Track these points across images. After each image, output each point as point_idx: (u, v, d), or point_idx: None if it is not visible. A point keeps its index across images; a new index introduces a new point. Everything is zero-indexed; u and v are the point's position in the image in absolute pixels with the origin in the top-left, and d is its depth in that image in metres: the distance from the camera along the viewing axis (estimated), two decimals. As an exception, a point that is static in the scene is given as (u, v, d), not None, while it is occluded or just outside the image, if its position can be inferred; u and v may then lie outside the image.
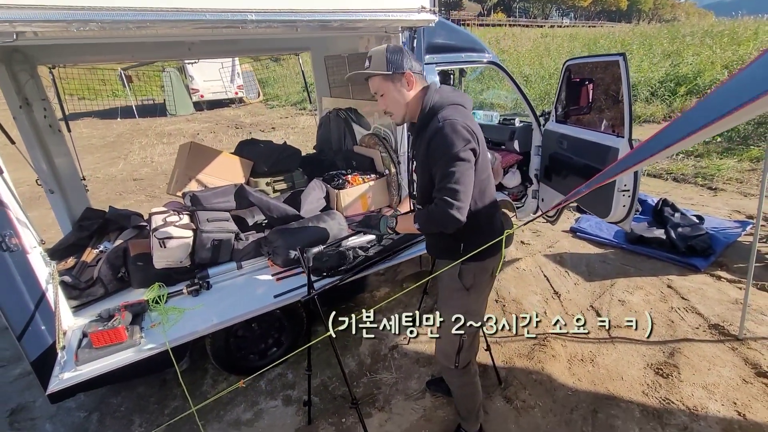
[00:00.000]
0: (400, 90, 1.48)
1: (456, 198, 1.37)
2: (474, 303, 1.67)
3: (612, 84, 2.68)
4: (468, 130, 1.40)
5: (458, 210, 1.37)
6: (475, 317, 1.68)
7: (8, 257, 1.68)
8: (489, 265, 1.62)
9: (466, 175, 1.38)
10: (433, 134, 1.40)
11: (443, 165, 1.39)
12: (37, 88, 2.67)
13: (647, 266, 3.43)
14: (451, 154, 1.37)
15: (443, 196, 1.39)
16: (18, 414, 2.34)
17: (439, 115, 1.42)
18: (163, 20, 1.46)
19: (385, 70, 1.44)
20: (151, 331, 1.83)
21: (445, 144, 1.37)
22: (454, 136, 1.37)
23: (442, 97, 1.47)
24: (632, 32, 17.33)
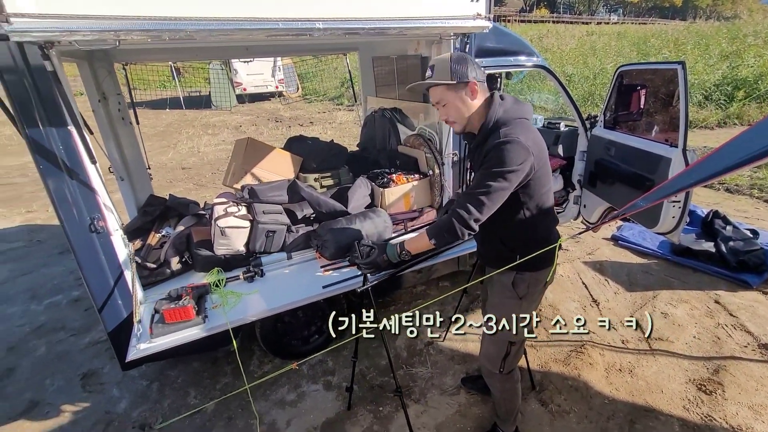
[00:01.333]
0: (463, 99, 1.48)
1: (480, 209, 1.40)
2: (525, 312, 1.69)
3: (666, 91, 2.61)
4: (528, 150, 1.39)
5: (476, 222, 1.41)
6: (524, 326, 1.71)
7: (96, 238, 1.89)
8: (543, 276, 1.65)
9: (498, 194, 1.40)
10: (492, 147, 1.41)
11: (485, 175, 1.41)
12: (113, 84, 2.92)
13: (693, 279, 3.32)
14: (497, 170, 1.38)
15: (467, 202, 1.41)
16: (89, 378, 2.61)
17: (501, 131, 1.42)
18: (242, 29, 1.60)
19: (449, 80, 1.44)
20: (212, 312, 2.00)
21: (498, 159, 1.38)
22: (510, 154, 1.36)
23: (507, 111, 1.46)
24: (687, 31, 16.35)
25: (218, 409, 2.34)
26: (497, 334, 1.74)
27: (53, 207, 1.79)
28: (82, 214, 1.82)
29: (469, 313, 3.07)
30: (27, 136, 1.66)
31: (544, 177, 1.50)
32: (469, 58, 1.50)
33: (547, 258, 1.56)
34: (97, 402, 2.42)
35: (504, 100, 1.49)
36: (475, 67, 1.48)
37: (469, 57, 1.50)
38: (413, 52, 3.00)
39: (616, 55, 12.91)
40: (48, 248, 4.50)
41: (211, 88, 16.32)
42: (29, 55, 1.55)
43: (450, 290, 3.34)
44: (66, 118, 1.66)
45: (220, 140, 10.31)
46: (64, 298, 3.50)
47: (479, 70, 1.50)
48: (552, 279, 1.71)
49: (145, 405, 2.39)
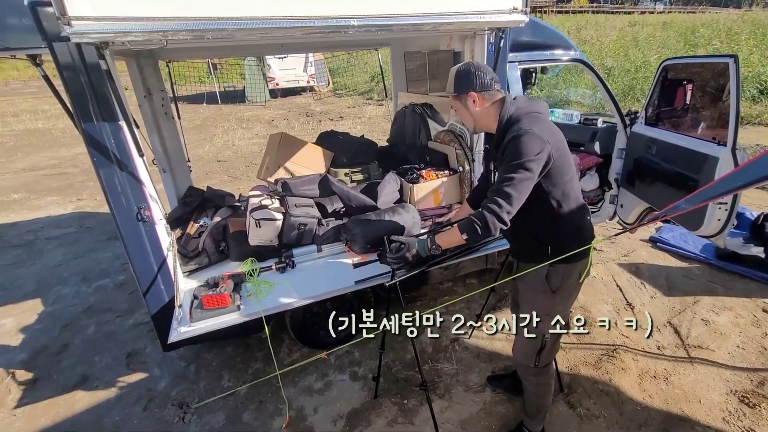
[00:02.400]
0: (468, 107, 1.62)
1: (508, 202, 1.45)
2: (559, 305, 1.71)
3: (715, 86, 2.47)
4: (542, 139, 1.45)
5: (508, 214, 1.46)
6: (558, 320, 1.72)
7: (142, 227, 2.01)
8: (577, 268, 1.65)
9: (524, 184, 1.45)
10: (508, 142, 1.49)
11: (507, 169, 1.47)
12: (157, 80, 3.07)
13: (739, 286, 3.14)
14: (518, 162, 1.44)
15: (496, 197, 1.47)
16: (133, 357, 2.79)
17: (514, 126, 1.50)
18: (279, 27, 1.65)
19: (452, 92, 1.63)
20: (247, 300, 2.09)
21: (516, 151, 1.45)
22: (526, 145, 1.44)
23: (519, 108, 1.54)
24: (741, 19, 15.23)
25: (250, 393, 2.44)
26: (531, 328, 1.76)
27: (104, 196, 1.92)
28: (130, 204, 1.95)
29: (497, 311, 3.04)
30: (82, 129, 1.78)
31: (565, 165, 1.54)
32: (474, 69, 1.58)
33: (582, 250, 1.57)
34: (139, 379, 2.59)
35: (516, 100, 1.59)
36: (479, 77, 1.57)
37: (473, 69, 1.59)
38: (445, 47, 2.97)
39: (660, 46, 12.23)
40: (96, 234, 4.81)
41: (246, 83, 16.76)
42: (86, 54, 1.66)
43: (477, 288, 3.33)
44: (118, 114, 1.78)
45: (253, 134, 10.61)
46: (111, 282, 3.74)
47: (487, 79, 1.58)
48: (588, 272, 1.70)
49: (183, 385, 2.53)
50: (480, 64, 1.63)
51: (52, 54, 1.63)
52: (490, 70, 1.61)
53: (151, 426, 2.27)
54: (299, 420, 2.27)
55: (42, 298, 3.53)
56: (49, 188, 6.71)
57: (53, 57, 1.64)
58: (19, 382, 2.60)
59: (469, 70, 1.59)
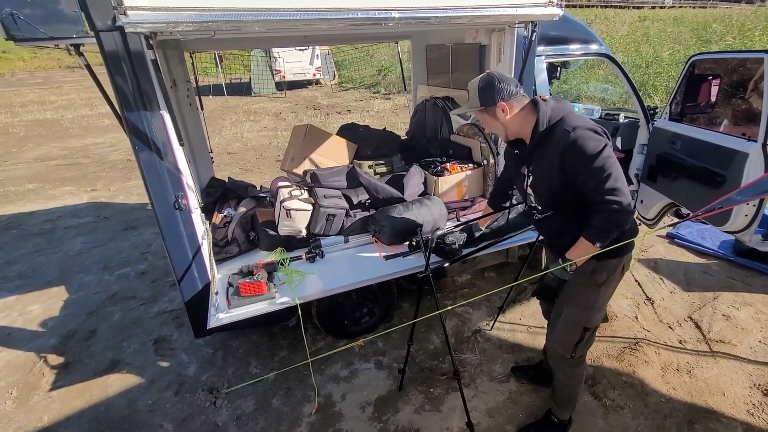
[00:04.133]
0: (497, 117, 1.59)
1: (621, 194, 1.41)
2: (602, 298, 1.72)
3: (745, 82, 2.47)
4: (597, 131, 1.46)
5: (628, 204, 1.42)
6: (600, 312, 1.75)
7: (178, 215, 2.04)
8: (622, 262, 1.66)
9: (617, 169, 1.43)
10: (567, 147, 1.45)
11: (593, 171, 1.42)
12: (183, 71, 3.09)
13: (759, 282, 3.16)
14: (596, 158, 1.41)
15: (608, 196, 1.42)
16: (160, 343, 2.84)
17: (562, 128, 1.48)
18: (324, 18, 1.66)
19: (479, 106, 1.59)
20: (280, 288, 2.13)
21: (586, 151, 1.42)
22: (590, 140, 1.43)
23: (554, 109, 1.54)
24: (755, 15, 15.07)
25: (278, 380, 2.49)
26: (572, 320, 1.78)
27: (144, 184, 1.95)
28: (168, 192, 1.98)
29: (516, 304, 3.07)
30: (125, 118, 1.81)
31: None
32: (497, 80, 1.55)
33: (628, 244, 1.59)
34: (169, 365, 2.64)
35: (547, 102, 1.57)
36: (504, 85, 1.54)
37: (496, 77, 1.55)
38: (471, 40, 2.98)
39: (672, 41, 12.12)
40: (114, 224, 4.85)
41: (252, 75, 16.73)
42: (131, 44, 1.68)
43: (495, 281, 3.37)
44: (161, 103, 1.80)
45: (261, 126, 10.62)
46: (132, 271, 3.79)
47: (510, 85, 1.55)
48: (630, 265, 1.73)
49: (212, 371, 2.58)
50: (500, 74, 1.59)
51: (99, 44, 1.65)
52: (511, 78, 1.60)
53: (183, 410, 2.32)
54: (328, 406, 2.31)
55: (66, 286, 3.58)
56: (62, 178, 6.76)
57: (100, 47, 1.66)
58: (51, 366, 2.65)
59: (491, 82, 1.56)
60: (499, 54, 2.61)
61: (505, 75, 1.60)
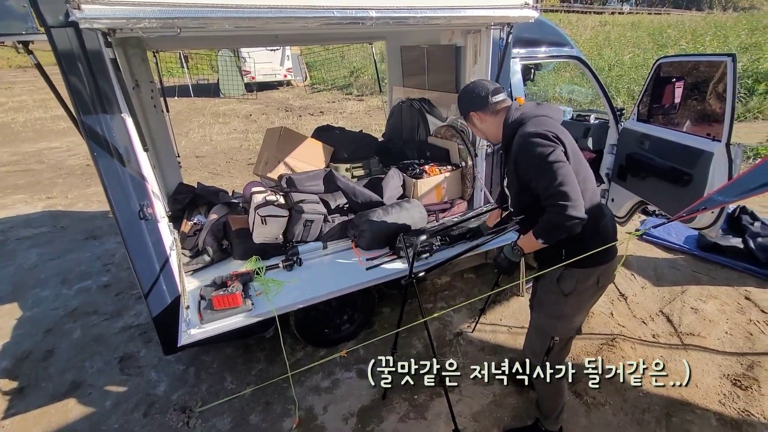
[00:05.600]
0: (474, 124, 1.70)
1: (566, 198, 1.37)
2: (570, 309, 1.66)
3: (709, 83, 2.58)
4: (548, 136, 1.42)
5: (573, 208, 1.37)
6: (569, 323, 1.70)
7: (144, 225, 1.91)
8: (594, 273, 1.59)
9: (564, 173, 1.39)
10: (517, 150, 1.48)
11: (540, 174, 1.42)
12: (146, 71, 2.91)
13: (721, 275, 3.31)
14: (543, 162, 1.40)
15: (553, 201, 1.41)
16: (126, 361, 2.66)
17: (519, 131, 1.50)
18: (298, 17, 1.59)
19: (460, 114, 1.75)
20: (257, 299, 2.02)
21: (533, 155, 1.43)
22: (536, 145, 1.42)
23: (524, 113, 1.54)
24: (704, 21, 16.03)
25: (255, 394, 2.38)
26: (539, 326, 1.76)
27: (105, 192, 1.80)
28: (132, 201, 1.84)
29: (497, 305, 3.08)
30: (82, 122, 1.67)
31: (577, 165, 1.49)
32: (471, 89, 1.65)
33: (599, 255, 1.52)
34: (136, 384, 2.47)
35: (523, 106, 1.59)
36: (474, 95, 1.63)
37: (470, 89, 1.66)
38: (447, 42, 2.96)
39: (632, 45, 12.69)
40: (72, 234, 4.55)
41: (220, 76, 16.25)
42: (87, 41, 1.55)
43: (474, 282, 3.37)
44: (122, 105, 1.67)
45: (231, 129, 10.31)
46: (94, 284, 3.55)
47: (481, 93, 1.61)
48: (610, 279, 1.68)
49: (184, 388, 2.43)
50: (477, 84, 1.65)
51: (51, 41, 1.51)
52: (485, 85, 1.64)
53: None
54: (309, 420, 2.23)
55: (19, 302, 3.31)
56: (14, 186, 6.30)
57: (51, 45, 1.52)
58: (3, 392, 2.43)
59: (465, 92, 1.67)
60: (475, 56, 2.60)
61: (483, 84, 1.65)
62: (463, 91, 1.69)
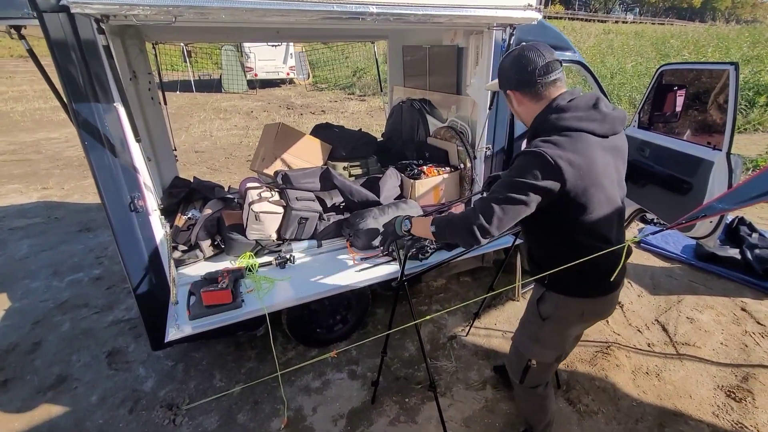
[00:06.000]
0: (511, 103, 1.41)
1: (489, 219, 1.23)
2: (548, 335, 1.51)
3: (708, 92, 2.56)
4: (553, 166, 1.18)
5: (480, 228, 1.24)
6: (545, 349, 1.54)
7: (134, 217, 1.88)
8: (578, 304, 1.43)
9: (513, 207, 1.22)
10: (518, 153, 1.28)
11: (503, 182, 1.26)
12: (144, 62, 2.89)
13: (718, 285, 3.29)
14: (513, 180, 1.22)
15: (479, 205, 1.27)
16: (114, 356, 2.62)
17: (536, 140, 1.26)
18: (298, 9, 1.56)
19: (497, 88, 1.44)
20: (248, 296, 1.99)
21: (517, 167, 1.24)
22: (528, 166, 1.20)
23: (561, 118, 1.25)
24: (707, 33, 16.10)
25: (244, 393, 2.34)
26: (516, 345, 1.67)
27: (95, 183, 1.77)
28: (122, 192, 1.81)
29: (492, 309, 3.05)
30: (73, 111, 1.63)
31: (587, 202, 1.25)
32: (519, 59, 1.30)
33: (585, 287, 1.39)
34: (123, 380, 2.43)
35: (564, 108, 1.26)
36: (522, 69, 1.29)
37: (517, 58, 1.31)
38: (449, 42, 2.94)
39: (635, 54, 12.70)
40: (66, 226, 4.51)
41: (223, 72, 16.24)
42: (80, 28, 1.52)
43: (471, 285, 3.34)
44: (114, 95, 1.64)
45: (232, 125, 10.28)
46: (86, 276, 3.51)
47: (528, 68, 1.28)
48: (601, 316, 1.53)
49: (172, 385, 2.39)
50: (528, 49, 1.28)
51: (42, 26, 1.48)
52: (534, 57, 1.26)
53: (138, 429, 2.13)
54: (298, 420, 2.19)
55: (8, 293, 3.26)
56: (9, 175, 6.25)
57: (43, 30, 1.49)
58: (-14, 384, 2.39)
59: (510, 59, 1.32)
60: (477, 57, 2.58)
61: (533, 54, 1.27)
62: (507, 58, 1.34)
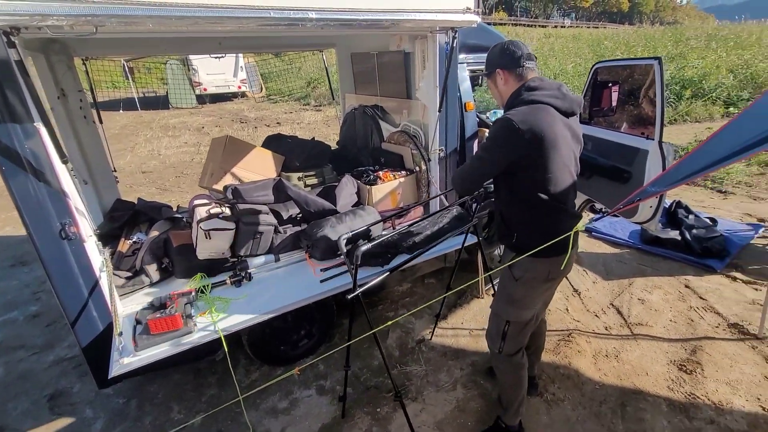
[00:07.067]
0: (496, 83, 1.66)
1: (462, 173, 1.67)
2: (521, 295, 1.73)
3: (642, 86, 2.74)
4: (516, 130, 1.43)
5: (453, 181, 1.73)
6: (520, 309, 1.75)
7: (67, 246, 1.72)
8: (543, 264, 1.64)
9: (481, 165, 1.59)
10: (494, 122, 1.56)
11: (482, 146, 1.62)
12: (73, 79, 2.69)
13: (663, 266, 3.51)
14: (484, 144, 1.58)
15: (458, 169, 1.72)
16: (57, 399, 2.39)
17: (508, 111, 1.52)
18: (232, 17, 1.50)
19: (484, 70, 1.71)
20: (200, 320, 1.87)
21: (492, 133, 1.53)
22: (497, 132, 1.51)
23: (532, 95, 1.52)
24: (636, 34, 17.43)
25: (206, 423, 2.20)
26: (495, 311, 1.85)
27: (18, 211, 1.61)
28: (51, 219, 1.65)
29: (458, 309, 3.08)
30: (-14, 133, 1.48)
31: (548, 164, 1.49)
32: (507, 46, 1.61)
33: (548, 249, 1.54)
34: (68, 424, 2.22)
35: (541, 86, 1.55)
36: (508, 54, 1.59)
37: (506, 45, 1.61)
38: (396, 48, 2.97)
39: (574, 56, 13.51)
40: (-4, 261, 4.10)
41: (169, 88, 15.60)
42: (-13, 42, 1.38)
43: (435, 287, 3.36)
44: (33, 113, 1.50)
45: (182, 142, 9.87)
46: (21, 314, 3.20)
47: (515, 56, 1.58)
48: (560, 274, 1.71)
49: (125, 424, 2.21)
50: (515, 42, 1.62)
51: (-60, 40, 1.33)
52: (521, 48, 1.59)
53: (87, 478, 1.94)
54: (266, 445, 2.09)
55: (-73, 342, 2.90)
56: (-73, 210, 5.62)
57: (-58, 44, 1.34)
58: None
59: (501, 46, 1.62)
60: (424, 61, 2.61)
61: (520, 46, 1.60)
62: (498, 45, 1.63)
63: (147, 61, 17.83)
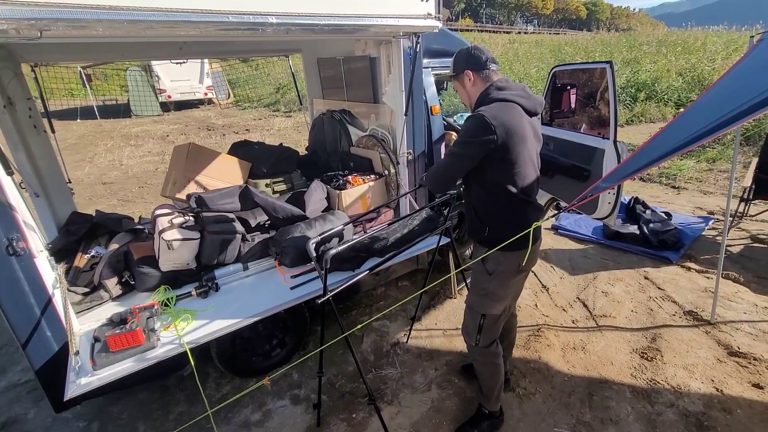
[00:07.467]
0: (464, 84, 1.74)
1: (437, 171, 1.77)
2: (495, 288, 1.79)
3: (595, 88, 2.87)
4: (488, 125, 1.51)
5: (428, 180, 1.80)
6: (494, 302, 1.81)
7: (15, 262, 1.62)
8: (514, 259, 1.71)
9: (455, 161, 1.65)
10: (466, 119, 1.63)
11: (456, 142, 1.66)
12: (21, 87, 2.55)
13: (624, 260, 3.68)
14: (458, 140, 1.63)
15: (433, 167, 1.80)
16: (10, 427, 2.23)
17: (478, 109, 1.60)
18: (189, 21, 1.47)
19: (452, 72, 1.77)
20: (164, 334, 1.80)
21: (465, 129, 1.60)
22: (469, 127, 1.58)
23: (501, 94, 1.62)
24: (593, 40, 18.29)
25: (174, 442, 2.11)
26: (470, 305, 1.89)
27: (-43, 228, 1.50)
28: (-4, 235, 1.55)
29: (431, 310, 3.11)
30: None
31: (516, 158, 1.57)
32: (472, 49, 1.70)
33: (518, 242, 1.60)
34: (22, 454, 2.07)
35: (506, 87, 1.65)
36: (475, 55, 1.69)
37: (472, 48, 1.71)
38: (361, 53, 2.99)
39: (537, 61, 14.00)
40: (-62, 283, 3.79)
41: (130, 96, 15.02)
42: None
43: (409, 289, 3.38)
44: (-29, 122, 1.41)
45: (145, 151, 9.51)
46: (-33, 340, 2.97)
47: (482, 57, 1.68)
48: (529, 266, 1.78)
49: (85, 449, 2.09)
50: (480, 47, 1.72)
51: None
52: (486, 52, 1.70)
53: None
54: (239, 460, 2.02)
55: None
56: None
57: None
58: None
59: (468, 50, 1.71)
60: (389, 66, 2.64)
61: (485, 50, 1.71)
62: (464, 49, 1.72)
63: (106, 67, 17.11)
